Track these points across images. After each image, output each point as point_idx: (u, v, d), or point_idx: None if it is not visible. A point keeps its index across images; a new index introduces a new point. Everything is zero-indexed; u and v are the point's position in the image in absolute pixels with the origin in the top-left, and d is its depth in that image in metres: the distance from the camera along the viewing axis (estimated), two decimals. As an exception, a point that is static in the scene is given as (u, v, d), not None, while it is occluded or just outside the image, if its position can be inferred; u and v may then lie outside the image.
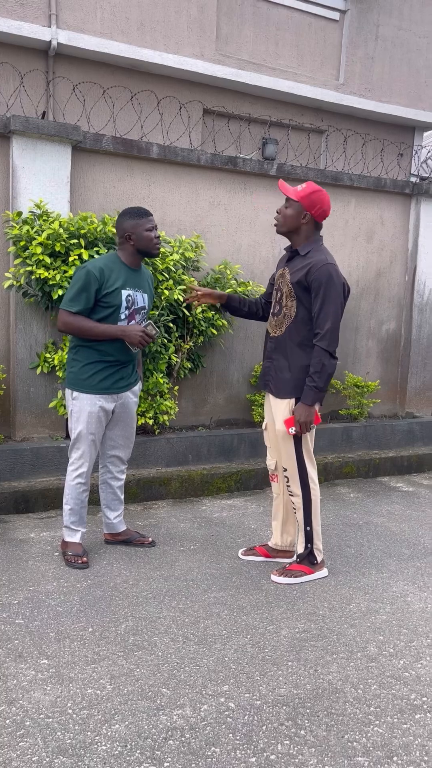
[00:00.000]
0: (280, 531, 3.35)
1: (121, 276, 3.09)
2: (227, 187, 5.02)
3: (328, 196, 3.07)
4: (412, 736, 2.06)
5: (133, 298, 3.13)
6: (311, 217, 3.03)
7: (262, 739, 2.01)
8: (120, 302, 3.06)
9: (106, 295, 3.03)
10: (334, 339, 2.97)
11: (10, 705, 2.12)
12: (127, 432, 3.34)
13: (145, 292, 3.21)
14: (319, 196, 3.02)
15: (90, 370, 3.12)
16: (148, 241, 3.10)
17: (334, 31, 8.45)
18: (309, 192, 3.01)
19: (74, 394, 3.16)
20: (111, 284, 3.04)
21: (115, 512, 3.45)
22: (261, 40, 8.00)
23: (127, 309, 3.10)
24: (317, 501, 3.15)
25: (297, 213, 3.04)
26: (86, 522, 3.34)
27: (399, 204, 5.81)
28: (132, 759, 1.90)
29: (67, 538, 3.28)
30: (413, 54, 8.94)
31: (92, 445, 3.18)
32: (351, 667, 2.43)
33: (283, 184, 3.07)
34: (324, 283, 2.93)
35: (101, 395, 3.14)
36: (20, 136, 4.15)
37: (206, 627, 2.67)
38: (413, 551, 3.63)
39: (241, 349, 5.17)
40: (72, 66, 7.13)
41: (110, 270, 3.06)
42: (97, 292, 3.01)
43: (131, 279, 3.13)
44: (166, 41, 7.41)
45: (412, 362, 5.94)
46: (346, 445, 5.34)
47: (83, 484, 3.22)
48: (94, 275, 3.00)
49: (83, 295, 3.00)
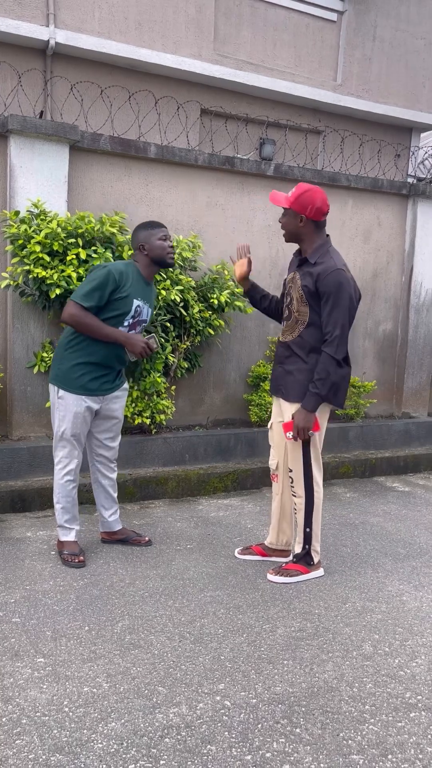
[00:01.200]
0: (277, 530, 3.36)
1: (136, 285, 3.12)
2: (225, 187, 5.03)
3: (321, 191, 2.99)
4: (407, 735, 2.07)
5: (140, 310, 3.16)
6: (307, 219, 2.99)
7: (257, 737, 2.02)
8: (129, 309, 3.08)
9: (118, 299, 3.04)
10: (342, 346, 2.95)
11: (7, 703, 2.12)
12: (113, 431, 3.34)
13: (150, 307, 3.24)
14: (308, 195, 2.96)
15: (80, 371, 3.11)
16: (161, 249, 3.12)
17: (331, 32, 8.46)
18: (297, 195, 2.97)
19: (60, 392, 3.14)
20: (126, 290, 3.06)
21: (109, 510, 3.45)
22: (259, 41, 8.01)
23: (132, 318, 3.12)
24: (320, 504, 3.15)
25: (292, 219, 3.01)
26: (79, 520, 3.34)
27: (396, 205, 5.83)
28: (128, 757, 1.90)
29: (62, 537, 3.28)
30: (411, 55, 8.96)
31: (78, 442, 3.19)
32: (346, 666, 2.44)
33: (274, 195, 3.02)
34: (333, 290, 2.91)
35: (88, 396, 3.14)
36: (18, 136, 4.15)
37: (202, 626, 2.68)
38: (409, 551, 3.65)
39: (238, 349, 5.18)
40: (70, 65, 7.13)
41: (128, 276, 3.08)
42: (111, 294, 3.03)
43: (143, 291, 3.16)
44: (164, 41, 7.42)
45: (409, 363, 5.95)
46: (343, 445, 5.35)
47: (72, 481, 3.22)
48: (114, 277, 3.01)
49: (98, 293, 3.00)
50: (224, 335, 5.04)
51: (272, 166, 5.16)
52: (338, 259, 2.99)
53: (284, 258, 5.29)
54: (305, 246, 3.05)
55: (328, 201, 3.02)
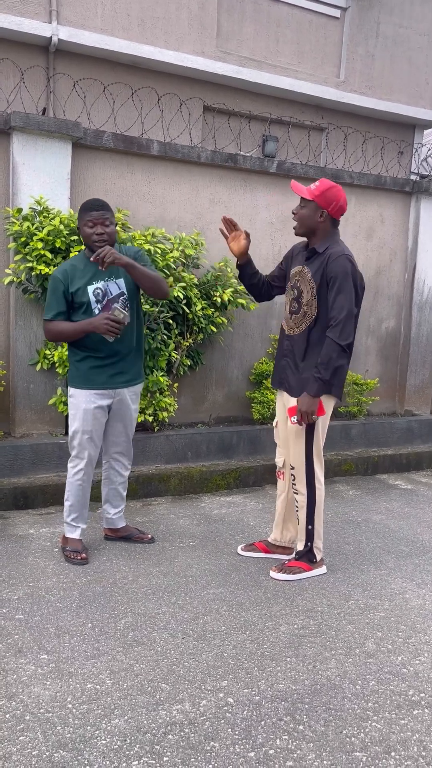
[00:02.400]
0: (281, 527, 3.36)
1: (87, 272, 3.09)
2: (227, 184, 5.02)
3: (344, 191, 3.03)
4: (410, 732, 2.07)
5: (104, 290, 3.11)
6: (328, 215, 2.99)
7: (260, 734, 2.02)
8: (87, 299, 3.08)
9: (74, 295, 3.07)
10: (347, 331, 2.90)
11: (10, 700, 2.13)
12: (127, 430, 3.35)
13: (119, 277, 3.14)
14: (334, 192, 2.98)
15: (83, 366, 3.15)
16: (87, 237, 3.05)
17: (334, 28, 8.44)
18: (324, 189, 2.97)
19: (71, 390, 3.19)
20: (76, 284, 3.07)
21: (115, 509, 3.45)
22: (262, 37, 7.99)
23: (99, 302, 3.10)
24: (321, 501, 3.15)
25: (313, 212, 2.99)
26: (87, 519, 3.34)
27: (399, 202, 5.81)
28: (131, 753, 1.91)
29: (68, 534, 3.29)
30: (414, 52, 8.94)
31: (90, 442, 3.19)
32: (349, 663, 2.44)
33: (296, 184, 3.04)
34: (340, 275, 2.90)
35: (96, 391, 3.14)
36: (21, 133, 4.14)
37: (205, 623, 2.68)
38: (411, 548, 3.64)
39: (241, 347, 5.17)
40: (72, 62, 7.12)
41: (73, 269, 3.09)
42: (65, 294, 3.07)
43: (97, 272, 3.09)
44: (166, 38, 7.40)
45: (412, 360, 5.94)
46: (345, 442, 5.35)
47: (83, 480, 3.22)
48: (58, 278, 3.07)
49: (53, 300, 3.08)
50: (227, 333, 5.04)
51: (275, 163, 5.15)
52: (346, 248, 3.01)
53: (287, 255, 5.27)
54: (316, 240, 3.05)
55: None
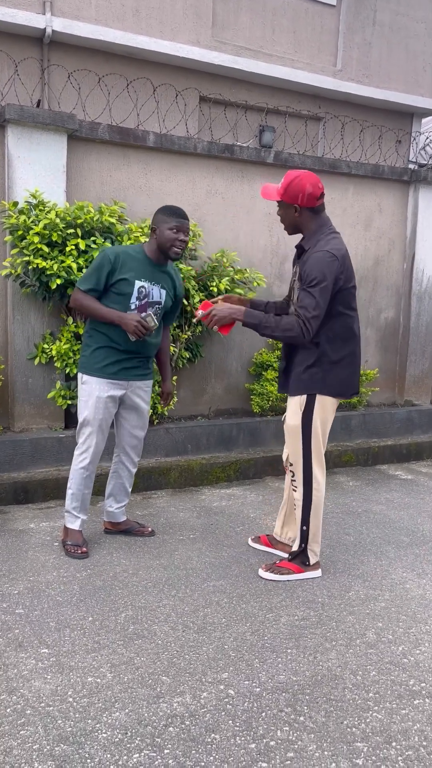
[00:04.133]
0: (282, 523, 3.33)
1: (140, 267, 3.09)
2: (224, 175, 4.99)
3: (310, 175, 2.85)
4: (411, 722, 2.07)
5: (147, 291, 3.11)
6: (302, 208, 2.87)
7: (261, 726, 2.02)
8: (131, 291, 3.06)
9: (117, 282, 3.05)
10: (307, 329, 2.78)
11: (11, 694, 2.13)
12: (139, 423, 3.34)
13: (163, 288, 3.18)
14: (296, 183, 2.83)
15: (100, 355, 3.13)
16: (167, 240, 3.06)
17: (331, 16, 8.37)
18: (285, 186, 2.85)
19: (84, 377, 3.16)
20: (125, 272, 3.05)
21: (119, 503, 3.45)
22: (257, 27, 7.93)
23: (139, 300, 3.09)
24: (319, 503, 3.04)
25: (287, 211, 2.91)
26: (88, 510, 3.34)
27: (397, 191, 5.78)
28: (132, 746, 1.91)
29: (69, 524, 3.28)
30: (411, 39, 8.87)
31: (99, 431, 3.17)
32: (350, 654, 2.44)
33: (265, 190, 2.92)
34: (312, 272, 2.77)
35: (109, 380, 3.13)
36: (15, 125, 4.12)
37: (206, 615, 2.68)
38: (412, 538, 3.64)
39: (240, 339, 5.16)
40: (67, 54, 7.07)
41: (128, 257, 3.07)
42: (109, 276, 3.04)
43: (150, 272, 3.12)
44: (161, 28, 7.35)
45: (411, 350, 5.93)
46: (345, 433, 5.34)
47: (87, 469, 3.21)
48: (108, 258, 3.04)
49: (94, 275, 3.05)
50: (225, 325, 5.02)
51: (272, 153, 5.12)
52: (332, 242, 2.84)
53: (285, 246, 5.26)
54: (304, 234, 2.96)
55: (320, 183, 2.87)
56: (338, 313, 2.90)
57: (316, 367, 2.92)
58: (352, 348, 2.97)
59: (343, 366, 2.95)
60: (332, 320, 2.90)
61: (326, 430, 3.04)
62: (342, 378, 2.96)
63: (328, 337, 2.91)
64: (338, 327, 2.91)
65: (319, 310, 2.79)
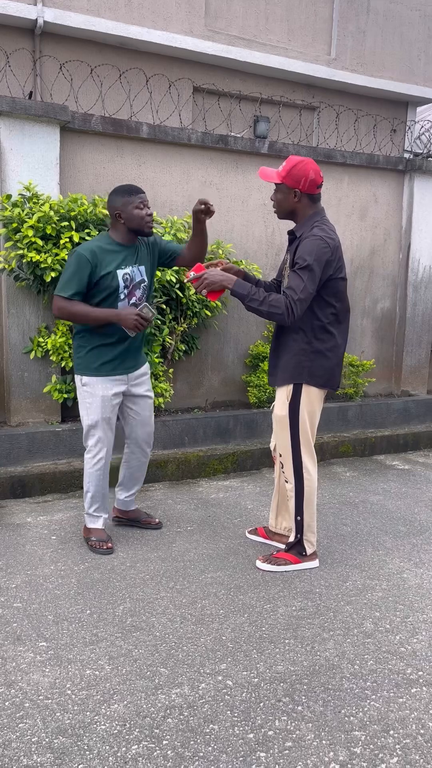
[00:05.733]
0: (275, 514, 3.33)
1: (117, 256, 3.03)
2: (219, 166, 4.96)
3: (313, 162, 2.85)
4: (408, 710, 2.08)
5: (131, 275, 3.07)
6: (302, 193, 2.86)
7: (259, 716, 2.03)
8: (117, 284, 3.02)
9: (101, 278, 2.98)
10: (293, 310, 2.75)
11: (9, 687, 2.14)
12: (148, 413, 3.32)
13: (142, 264, 3.13)
14: (300, 167, 2.82)
15: (97, 354, 3.08)
16: (138, 219, 3.01)
17: (325, 4, 8.31)
18: (289, 169, 2.83)
19: (84, 379, 3.11)
20: (105, 266, 2.98)
21: (128, 491, 3.45)
22: (251, 15, 7.87)
23: (126, 288, 3.06)
24: (311, 493, 3.03)
25: (286, 195, 2.88)
26: (108, 508, 3.31)
27: (392, 181, 5.76)
28: (131, 738, 1.92)
29: (90, 524, 3.26)
30: (405, 27, 8.81)
31: (108, 430, 3.15)
32: (347, 644, 2.45)
33: (263, 171, 2.90)
34: (303, 255, 2.76)
35: (111, 377, 3.11)
36: (7, 118, 4.08)
37: (203, 607, 2.69)
38: (409, 528, 3.65)
39: (236, 331, 5.15)
40: (59, 45, 7.01)
41: (102, 251, 3.00)
42: (91, 275, 2.96)
43: (126, 257, 3.06)
44: (154, 17, 7.28)
45: (407, 340, 5.93)
46: (342, 424, 5.34)
47: (103, 469, 3.19)
48: (86, 258, 2.95)
49: (75, 279, 2.95)
50: (221, 316, 5.01)
51: (266, 143, 5.09)
52: (323, 228, 2.83)
53: (280, 237, 5.24)
54: (297, 221, 2.93)
55: (321, 172, 2.87)
56: (326, 304, 2.89)
57: (302, 356, 2.91)
58: (337, 340, 2.95)
59: (328, 357, 2.93)
60: (320, 310, 2.89)
61: (314, 421, 3.02)
62: (327, 368, 2.95)
63: (314, 327, 2.90)
64: (325, 317, 2.90)
65: (305, 294, 2.76)
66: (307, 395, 2.95)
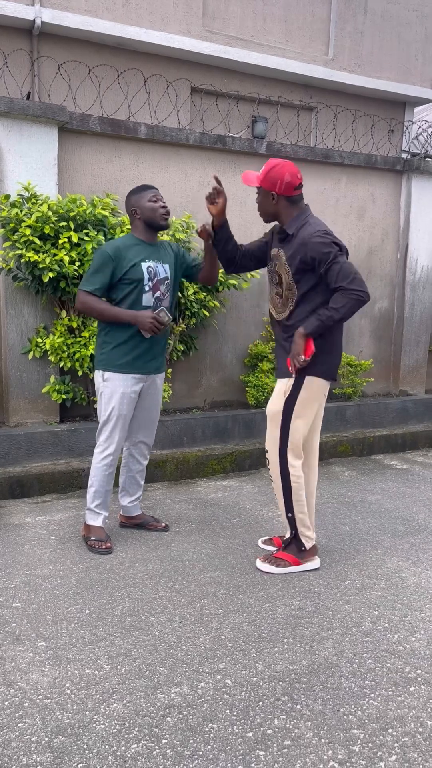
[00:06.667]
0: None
1: (140, 250, 3.11)
2: (217, 166, 4.97)
3: (290, 164, 2.87)
4: (407, 708, 2.09)
5: (155, 269, 3.13)
6: (279, 196, 2.88)
7: (258, 715, 2.03)
8: (142, 275, 3.08)
9: (127, 272, 3.06)
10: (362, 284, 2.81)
11: (9, 687, 2.14)
12: (152, 415, 3.34)
13: (165, 262, 3.20)
14: (276, 171, 2.85)
15: (122, 351, 3.12)
16: (151, 210, 3.11)
17: (322, 5, 8.31)
18: (265, 173, 2.87)
19: (106, 375, 3.14)
20: (130, 259, 3.06)
21: (131, 497, 3.46)
22: (248, 16, 7.87)
23: (150, 280, 3.11)
24: (298, 489, 3.00)
25: (265, 198, 2.92)
26: (109, 506, 3.32)
27: (390, 181, 5.77)
28: (130, 737, 1.92)
29: (90, 521, 3.27)
30: (403, 28, 8.82)
31: (122, 426, 3.17)
32: (346, 643, 2.46)
33: (246, 176, 2.93)
34: (323, 251, 2.80)
35: (133, 375, 3.14)
36: (5, 118, 4.09)
37: (202, 606, 2.69)
38: (407, 527, 3.66)
39: (234, 331, 5.15)
40: (57, 45, 7.01)
41: (125, 247, 3.09)
42: (115, 271, 3.05)
43: (150, 252, 3.14)
44: (152, 18, 7.29)
45: (405, 340, 5.94)
46: (340, 424, 5.35)
47: (110, 465, 3.21)
48: (108, 255, 3.04)
49: (98, 275, 3.05)
50: (220, 317, 5.02)
51: (264, 144, 5.10)
52: (317, 224, 2.87)
53: (278, 237, 5.24)
54: (283, 221, 2.96)
55: (299, 174, 2.90)
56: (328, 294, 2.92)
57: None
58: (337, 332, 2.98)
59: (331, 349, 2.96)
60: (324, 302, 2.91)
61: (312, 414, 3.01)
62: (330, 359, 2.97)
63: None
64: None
65: (352, 268, 2.82)
66: (308, 387, 2.96)
